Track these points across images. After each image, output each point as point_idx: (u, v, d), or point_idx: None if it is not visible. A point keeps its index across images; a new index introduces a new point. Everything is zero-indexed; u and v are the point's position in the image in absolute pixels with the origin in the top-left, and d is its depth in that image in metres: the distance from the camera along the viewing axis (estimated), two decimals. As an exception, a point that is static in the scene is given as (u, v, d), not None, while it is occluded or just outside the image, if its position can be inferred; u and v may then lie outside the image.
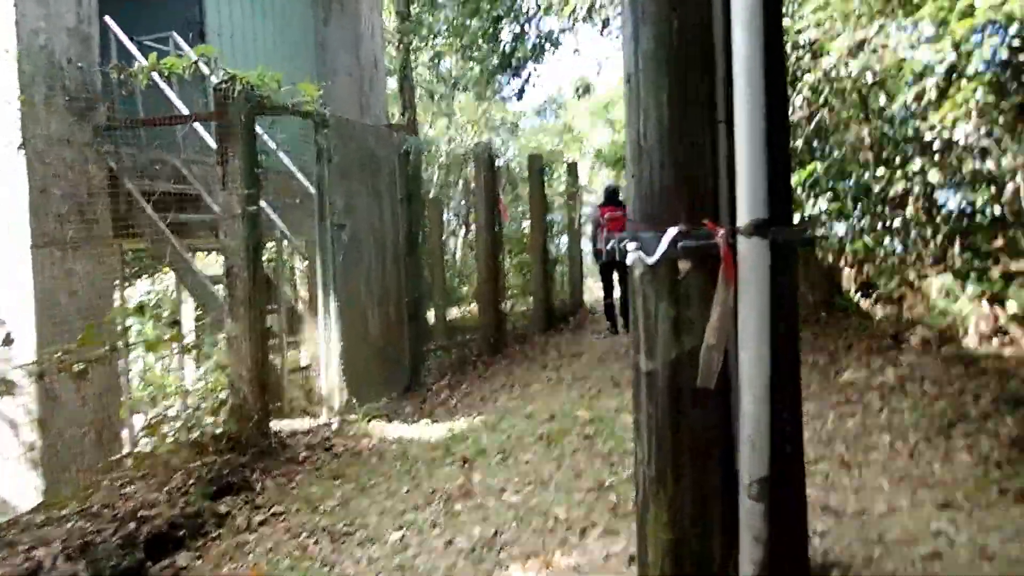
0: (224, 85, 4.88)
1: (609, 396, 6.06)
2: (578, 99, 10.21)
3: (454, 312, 12.12)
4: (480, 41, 11.75)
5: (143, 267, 10.10)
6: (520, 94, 9.84)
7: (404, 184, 7.10)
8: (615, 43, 12.52)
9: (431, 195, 11.51)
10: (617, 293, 10.03)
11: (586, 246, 13.73)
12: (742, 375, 1.94)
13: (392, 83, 14.81)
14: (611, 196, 10.43)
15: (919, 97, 5.16)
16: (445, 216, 12.22)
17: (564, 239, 12.26)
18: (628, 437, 3.98)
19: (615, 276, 10.10)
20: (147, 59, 5.78)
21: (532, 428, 5.20)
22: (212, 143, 5.56)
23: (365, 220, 6.37)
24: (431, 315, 10.60)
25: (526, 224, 10.97)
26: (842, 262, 6.49)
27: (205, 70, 5.87)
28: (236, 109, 4.85)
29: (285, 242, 6.31)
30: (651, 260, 1.99)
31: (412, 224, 7.18)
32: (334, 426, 5.51)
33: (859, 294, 6.32)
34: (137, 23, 6.86)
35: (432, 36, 13.39)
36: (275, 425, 5.20)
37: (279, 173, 6.26)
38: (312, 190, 5.90)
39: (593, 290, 14.72)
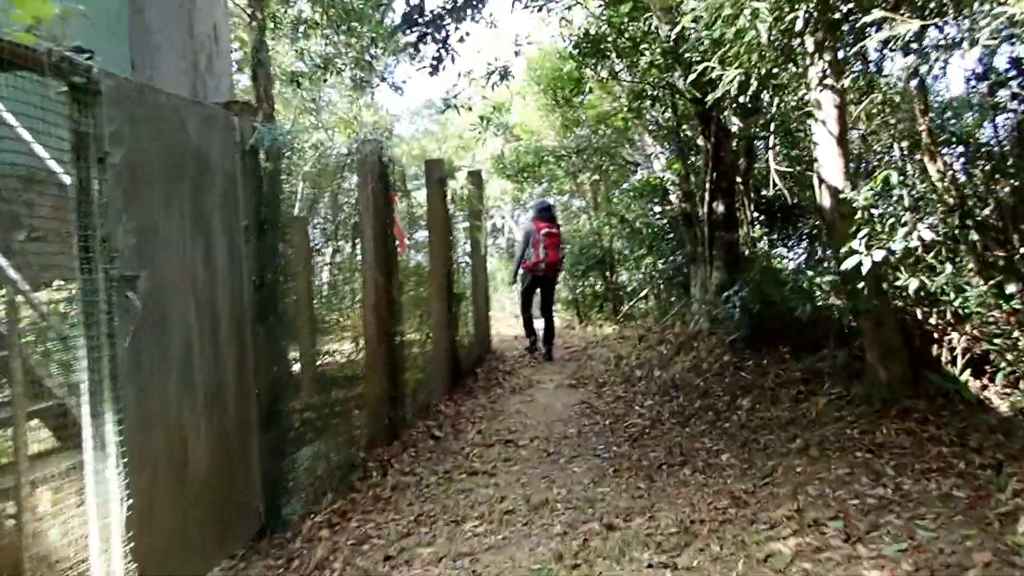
0: None
1: (607, 543, 3.66)
2: (493, 89, 7.71)
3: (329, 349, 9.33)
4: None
5: None
6: (436, 66, 7.23)
7: (252, 202, 4.42)
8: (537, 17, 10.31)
9: (296, 213, 8.67)
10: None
11: (493, 266, 11.52)
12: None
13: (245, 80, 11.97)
14: (545, 212, 9.96)
15: None
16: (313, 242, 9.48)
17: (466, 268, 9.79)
18: None
19: (537, 293, 10.02)
20: None
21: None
22: None
23: (177, 266, 3.65)
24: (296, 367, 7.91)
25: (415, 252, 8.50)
26: (933, 317, 4.40)
27: None
28: None
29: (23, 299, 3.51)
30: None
31: (266, 268, 4.47)
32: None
33: (967, 371, 4.25)
34: None
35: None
36: None
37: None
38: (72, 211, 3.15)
39: (497, 326, 12.31)
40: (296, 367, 6.33)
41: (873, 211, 4.14)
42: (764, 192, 8.66)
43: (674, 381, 7.01)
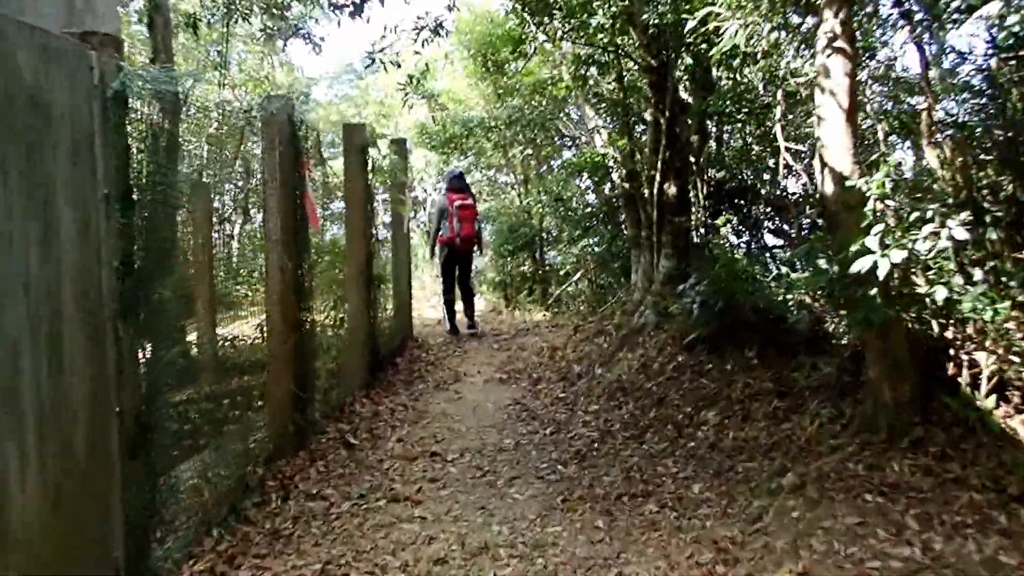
0: None
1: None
2: (424, 45, 6.73)
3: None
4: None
5: None
6: (360, 5, 6.18)
7: (117, 165, 3.39)
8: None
9: (198, 179, 7.45)
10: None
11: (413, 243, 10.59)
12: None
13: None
14: (456, 181, 9.47)
15: None
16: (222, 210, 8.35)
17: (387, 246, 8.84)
18: None
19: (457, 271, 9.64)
20: None
21: None
22: None
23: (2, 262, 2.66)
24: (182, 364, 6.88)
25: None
26: (950, 332, 3.75)
27: None
28: None
29: None
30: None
31: (137, 249, 3.45)
32: None
33: (992, 396, 3.62)
34: None
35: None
36: None
37: None
38: None
39: (418, 308, 11.40)
40: (181, 363, 5.30)
41: (888, 203, 3.46)
42: (715, 174, 8.00)
43: (621, 383, 6.28)
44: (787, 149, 5.81)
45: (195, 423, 4.94)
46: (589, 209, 10.45)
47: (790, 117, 6.94)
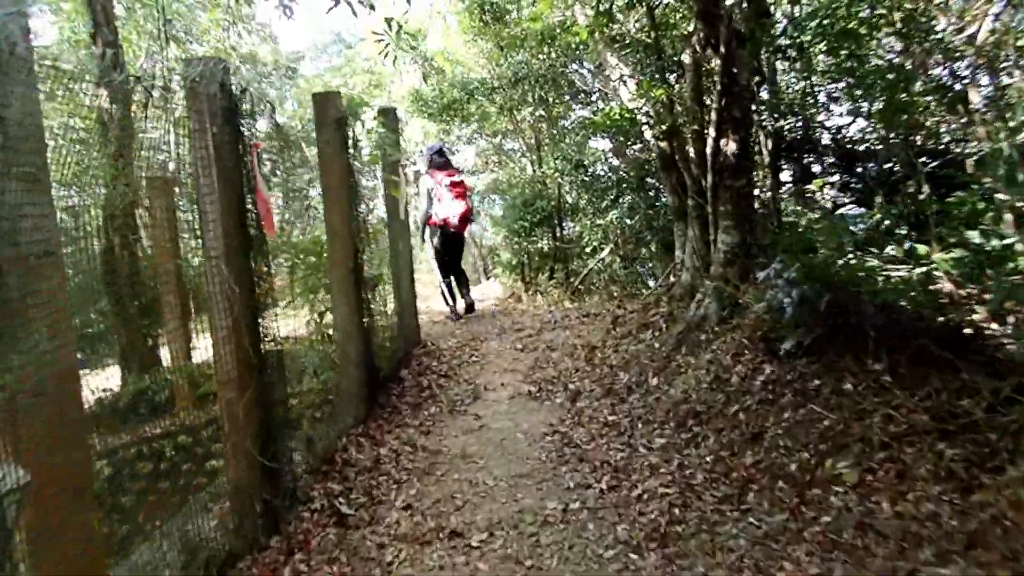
0: None
1: None
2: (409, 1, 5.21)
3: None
4: None
5: None
6: None
7: None
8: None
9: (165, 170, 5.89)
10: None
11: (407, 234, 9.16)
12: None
13: None
14: (439, 156, 8.75)
15: None
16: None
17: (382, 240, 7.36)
18: None
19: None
20: None
21: None
22: None
23: None
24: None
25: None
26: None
27: None
28: None
29: None
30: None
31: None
32: None
33: None
34: None
35: None
36: None
37: None
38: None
39: (424, 303, 9.98)
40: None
41: None
42: (775, 123, 6.44)
43: (689, 402, 4.84)
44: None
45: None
46: (616, 175, 8.93)
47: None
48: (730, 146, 5.69)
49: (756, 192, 6.20)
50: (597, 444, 4.85)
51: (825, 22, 5.23)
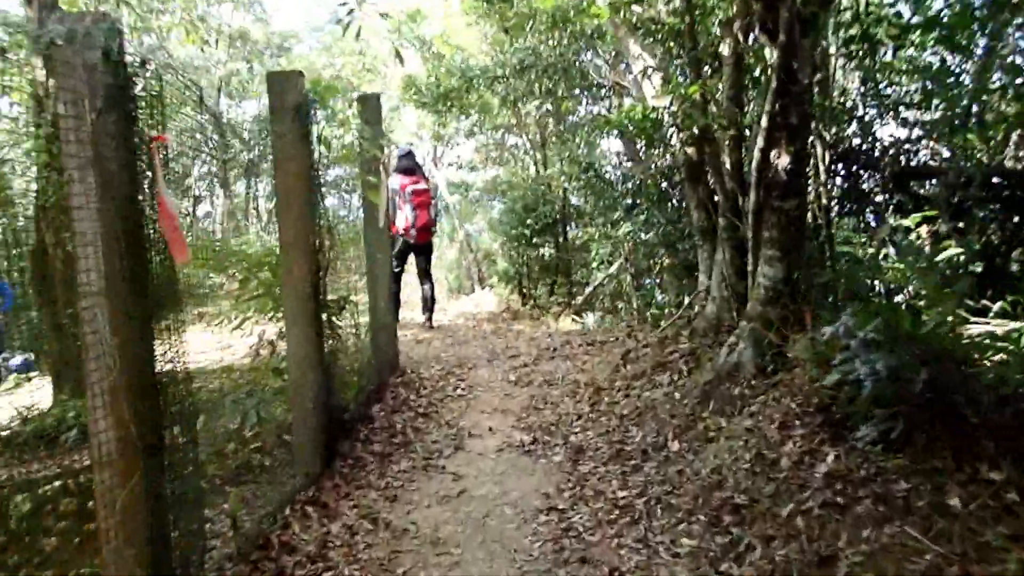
0: None
1: None
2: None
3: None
4: None
5: None
6: None
7: None
8: None
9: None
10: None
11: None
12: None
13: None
14: (406, 161, 8.27)
15: None
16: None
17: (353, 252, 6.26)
18: None
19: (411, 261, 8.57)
20: None
21: None
22: None
23: None
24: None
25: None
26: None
27: None
28: None
29: None
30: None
31: None
32: None
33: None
34: None
35: None
36: None
37: None
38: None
39: (404, 324, 8.95)
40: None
41: None
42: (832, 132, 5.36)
43: (723, 488, 3.79)
44: None
45: None
46: (633, 184, 7.84)
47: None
48: (782, 159, 4.60)
49: (810, 215, 5.13)
50: (604, 536, 3.78)
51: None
